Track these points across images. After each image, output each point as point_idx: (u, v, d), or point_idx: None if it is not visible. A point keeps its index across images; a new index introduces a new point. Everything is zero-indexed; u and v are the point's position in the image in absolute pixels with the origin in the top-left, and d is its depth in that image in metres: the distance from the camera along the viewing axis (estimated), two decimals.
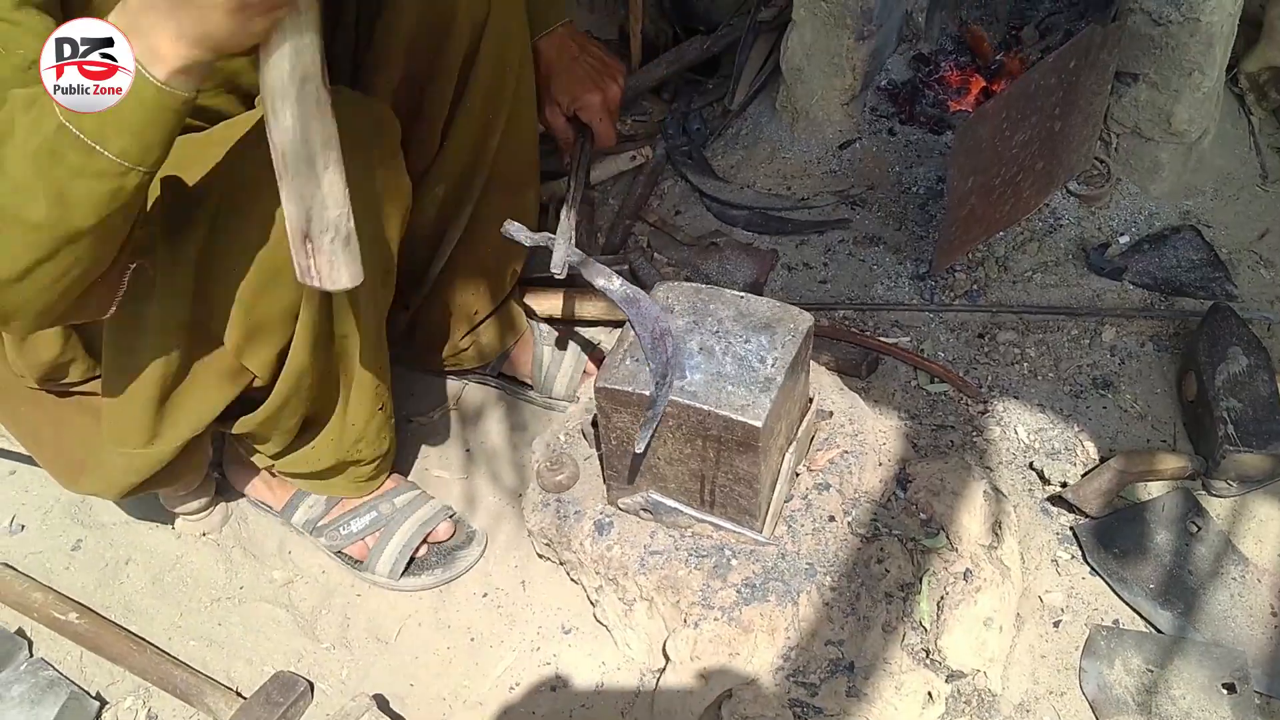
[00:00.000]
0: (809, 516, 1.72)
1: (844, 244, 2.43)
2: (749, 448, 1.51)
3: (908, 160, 2.56)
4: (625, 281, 1.63)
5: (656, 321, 1.56)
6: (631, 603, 1.71)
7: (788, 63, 2.57)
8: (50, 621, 1.88)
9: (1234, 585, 1.80)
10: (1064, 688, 1.71)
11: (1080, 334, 2.20)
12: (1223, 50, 2.24)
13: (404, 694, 1.79)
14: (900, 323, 2.26)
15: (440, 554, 1.94)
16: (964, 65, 2.65)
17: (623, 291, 1.61)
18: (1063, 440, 2.01)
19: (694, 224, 2.55)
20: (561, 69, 1.93)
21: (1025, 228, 2.39)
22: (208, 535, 2.04)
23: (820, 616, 1.63)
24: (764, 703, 1.57)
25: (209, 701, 1.75)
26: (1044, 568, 1.86)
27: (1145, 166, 2.41)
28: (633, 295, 1.60)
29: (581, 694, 1.77)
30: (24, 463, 2.14)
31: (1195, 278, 2.27)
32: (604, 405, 1.59)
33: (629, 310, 1.59)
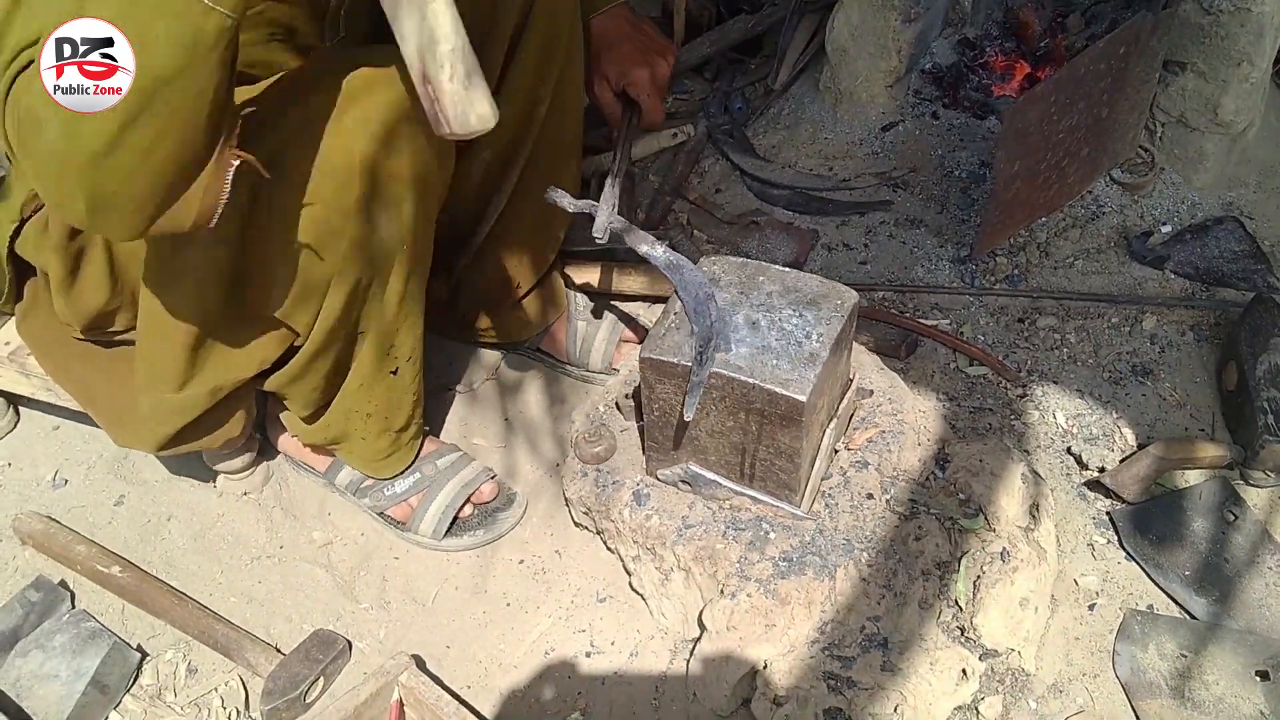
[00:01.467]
0: (847, 493, 1.73)
1: (885, 226, 2.43)
2: (792, 422, 1.52)
3: (950, 144, 2.56)
4: (668, 248, 1.62)
5: (701, 287, 1.57)
6: (668, 572, 1.73)
7: (832, 43, 2.57)
8: (93, 574, 1.91)
9: (1270, 574, 1.80)
10: (1097, 670, 1.72)
11: (1120, 321, 2.19)
12: (1272, 41, 2.23)
13: (440, 655, 1.81)
14: (940, 305, 2.26)
15: (482, 515, 1.96)
16: (1009, 51, 2.63)
17: (665, 258, 1.61)
18: (1101, 426, 2.01)
19: (734, 202, 2.56)
20: (613, 45, 1.93)
21: (1067, 214, 2.38)
22: (249, 495, 2.06)
23: (857, 592, 1.64)
24: (799, 674, 1.59)
25: (249, 656, 1.78)
26: (1080, 551, 1.86)
27: (1190, 156, 2.39)
28: (676, 261, 1.60)
29: (616, 661, 1.78)
30: (68, 418, 2.17)
31: (1237, 269, 2.26)
32: (648, 376, 1.60)
33: (673, 276, 1.59)
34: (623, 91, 1.99)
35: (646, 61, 1.93)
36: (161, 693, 1.80)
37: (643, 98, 1.95)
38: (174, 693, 1.80)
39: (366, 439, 1.85)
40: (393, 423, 1.85)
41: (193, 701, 1.78)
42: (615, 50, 1.94)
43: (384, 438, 1.86)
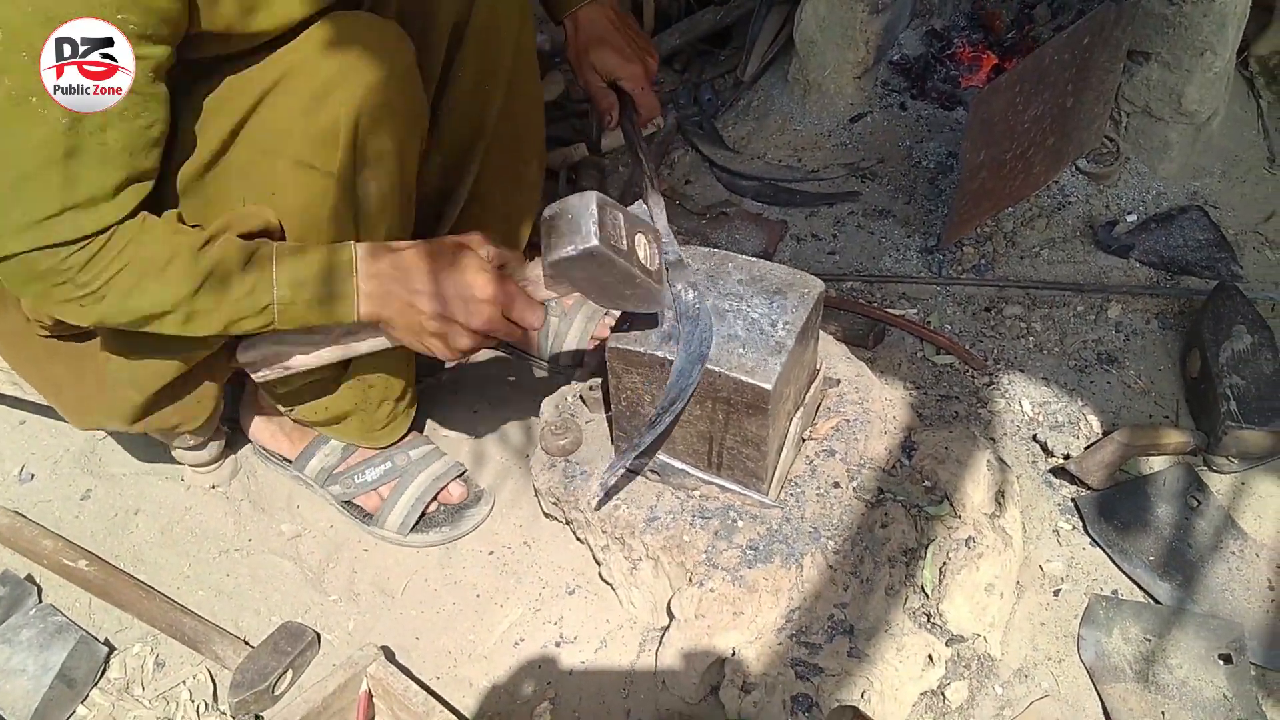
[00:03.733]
0: (814, 481, 1.73)
1: (853, 216, 2.44)
2: (758, 410, 1.52)
3: (918, 135, 2.57)
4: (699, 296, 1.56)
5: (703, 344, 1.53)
6: (637, 561, 1.73)
7: (801, 35, 2.57)
8: (60, 568, 1.90)
9: (1232, 559, 1.82)
10: (1062, 655, 1.73)
11: (1086, 310, 2.21)
12: (1235, 31, 2.25)
13: (410, 647, 1.81)
14: (908, 295, 2.27)
15: (448, 511, 1.96)
16: (976, 42, 2.65)
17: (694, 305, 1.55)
18: (1066, 414, 2.03)
19: (704, 194, 2.56)
20: (603, 39, 1.92)
21: (1034, 204, 2.40)
22: (217, 488, 2.05)
23: (824, 579, 1.65)
24: (766, 662, 1.59)
25: (216, 649, 1.77)
26: (1045, 537, 1.88)
27: (1154, 146, 2.42)
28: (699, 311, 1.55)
29: (585, 651, 1.79)
30: (34, 413, 2.16)
31: (1201, 257, 2.28)
32: (615, 365, 1.60)
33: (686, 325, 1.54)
34: (613, 84, 1.99)
35: (638, 57, 1.93)
36: (129, 686, 1.79)
37: (638, 92, 1.94)
38: (141, 686, 1.79)
39: (367, 410, 1.86)
40: (391, 391, 1.86)
41: (160, 695, 1.77)
42: (606, 44, 1.92)
43: (384, 407, 1.88)
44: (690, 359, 1.51)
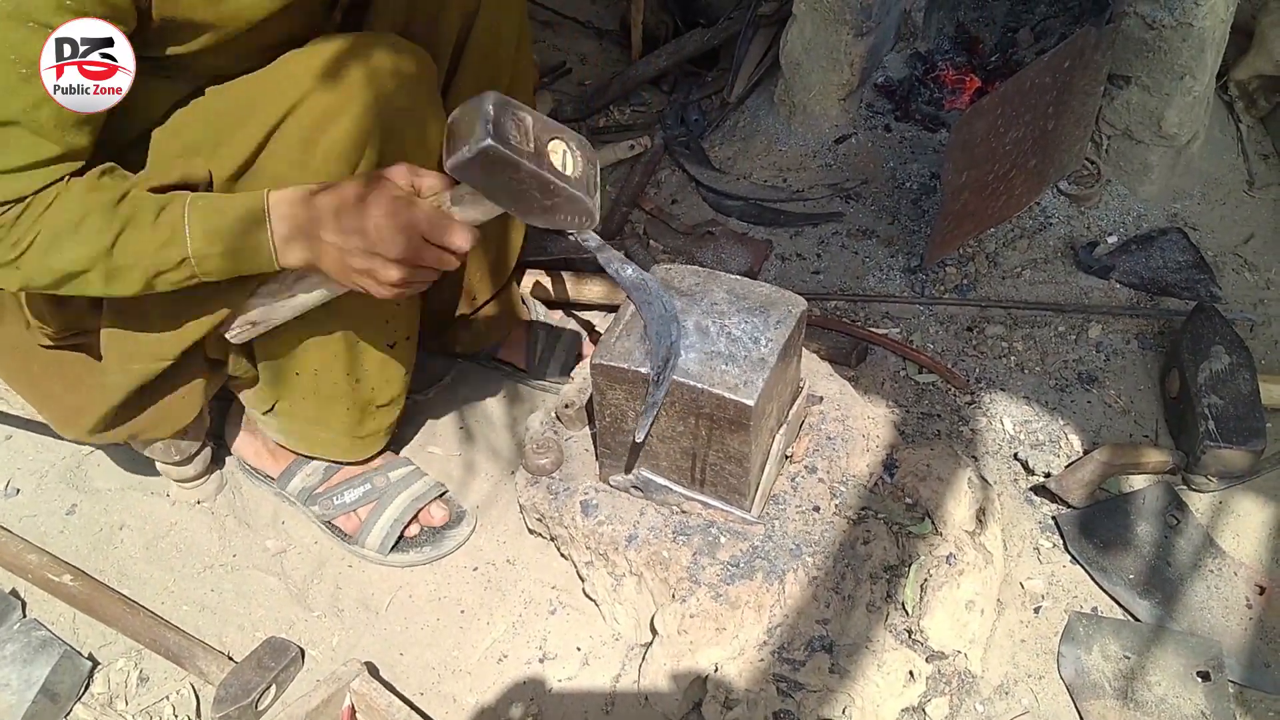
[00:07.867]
0: (796, 498, 1.75)
1: (837, 236, 2.47)
2: (741, 426, 1.53)
3: (902, 156, 2.59)
4: (637, 268, 1.61)
5: (665, 308, 1.57)
6: (621, 578, 1.74)
7: (786, 57, 2.60)
8: (44, 583, 1.90)
9: (1211, 577, 1.84)
10: (1042, 671, 1.74)
11: (1067, 330, 2.23)
12: (1214, 56, 2.28)
13: (394, 663, 1.82)
14: (891, 314, 2.29)
15: (430, 532, 1.96)
16: (960, 65, 2.68)
17: (634, 278, 1.60)
18: (1047, 433, 2.04)
19: (690, 213, 2.58)
20: None
21: (1016, 225, 2.42)
22: (202, 503, 2.06)
23: (806, 595, 1.66)
24: (749, 678, 1.60)
25: (200, 664, 1.77)
26: (1026, 555, 1.89)
27: (1135, 168, 2.44)
28: (643, 282, 1.60)
29: (569, 667, 1.79)
30: (20, 427, 2.16)
31: (1181, 278, 2.30)
32: (600, 382, 1.61)
33: (638, 296, 1.59)
34: None
35: None
36: (113, 701, 1.79)
37: None
38: (125, 701, 1.79)
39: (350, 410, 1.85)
40: (378, 397, 1.85)
41: (144, 710, 1.77)
42: None
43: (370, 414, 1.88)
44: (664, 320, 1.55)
